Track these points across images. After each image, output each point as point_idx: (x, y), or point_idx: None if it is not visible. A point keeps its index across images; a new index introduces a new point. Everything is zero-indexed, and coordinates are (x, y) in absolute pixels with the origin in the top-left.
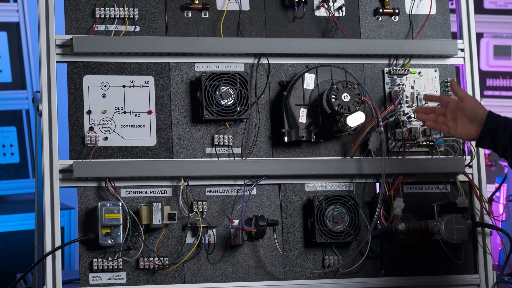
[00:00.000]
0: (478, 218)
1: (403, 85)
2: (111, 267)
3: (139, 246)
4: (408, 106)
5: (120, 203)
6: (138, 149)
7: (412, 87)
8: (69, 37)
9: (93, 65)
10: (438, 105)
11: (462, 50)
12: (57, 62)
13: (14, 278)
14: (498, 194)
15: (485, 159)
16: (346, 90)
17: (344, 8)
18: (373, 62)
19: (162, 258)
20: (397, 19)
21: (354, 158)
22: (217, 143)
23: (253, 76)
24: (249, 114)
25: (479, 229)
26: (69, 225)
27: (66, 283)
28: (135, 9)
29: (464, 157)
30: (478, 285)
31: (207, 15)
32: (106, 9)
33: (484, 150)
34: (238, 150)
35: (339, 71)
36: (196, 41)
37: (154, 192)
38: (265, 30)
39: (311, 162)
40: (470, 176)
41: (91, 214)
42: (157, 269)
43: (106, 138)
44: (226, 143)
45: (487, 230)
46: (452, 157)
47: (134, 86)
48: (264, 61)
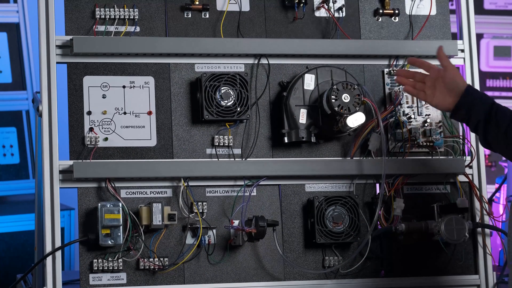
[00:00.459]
0: (478, 219)
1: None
2: (111, 268)
3: (139, 246)
4: (408, 107)
5: (120, 204)
6: (138, 149)
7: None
8: (69, 37)
9: (93, 65)
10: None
11: (462, 50)
12: (57, 62)
13: (14, 278)
14: (498, 194)
15: (485, 160)
16: (346, 90)
17: (344, 8)
18: (373, 63)
19: (162, 259)
20: (397, 20)
21: (354, 158)
22: (217, 144)
23: (253, 76)
24: (249, 115)
25: (479, 229)
26: (69, 225)
27: (66, 284)
28: (135, 9)
29: (464, 157)
30: (478, 285)
31: (207, 16)
32: (106, 9)
33: (484, 150)
34: (238, 151)
35: (339, 72)
36: (196, 41)
37: (154, 192)
38: (265, 31)
39: (311, 163)
40: (470, 176)
41: (91, 215)
42: (157, 269)
43: (106, 139)
44: (226, 144)
45: (487, 231)
46: (452, 157)
47: (134, 86)
48: (264, 61)
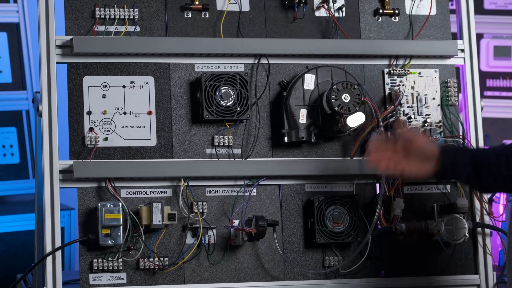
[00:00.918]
0: (478, 219)
1: (403, 85)
2: (111, 268)
3: (139, 246)
4: (408, 107)
5: (120, 204)
6: (138, 149)
7: (412, 88)
8: (69, 37)
9: (93, 65)
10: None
11: (462, 50)
12: (57, 62)
13: (14, 278)
14: (498, 194)
15: None
16: (346, 90)
17: (344, 8)
18: (373, 63)
19: (162, 259)
20: (397, 20)
21: (354, 158)
22: (217, 144)
23: (253, 76)
24: (249, 115)
25: (479, 229)
26: (69, 225)
27: (66, 284)
28: (135, 9)
29: None
30: (478, 285)
31: (207, 16)
32: (106, 9)
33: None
34: (238, 151)
35: (339, 72)
36: (196, 41)
37: (154, 192)
38: (265, 31)
39: (311, 163)
40: None
41: (91, 215)
42: (157, 269)
43: (106, 139)
44: (226, 144)
45: (487, 231)
46: None
47: (134, 86)
48: (264, 61)
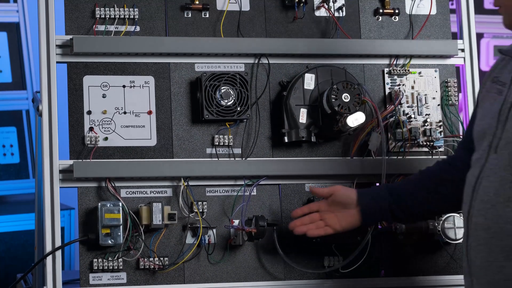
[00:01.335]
0: None
1: (403, 85)
2: (111, 267)
3: (139, 246)
4: (408, 107)
5: (120, 203)
6: (138, 149)
7: (412, 87)
8: (69, 37)
9: (93, 65)
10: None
11: (462, 50)
12: (57, 62)
13: (14, 278)
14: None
15: None
16: (346, 90)
17: (344, 8)
18: (373, 62)
19: (162, 258)
20: (397, 19)
21: (354, 158)
22: (217, 143)
23: (253, 76)
24: (249, 114)
25: None
26: (69, 225)
27: (66, 283)
28: (135, 9)
29: None
30: None
31: (207, 15)
32: (106, 9)
33: None
34: (238, 150)
35: (339, 71)
36: (196, 41)
37: (154, 192)
38: (265, 30)
39: (311, 162)
40: None
41: (91, 214)
42: (157, 269)
43: (106, 138)
44: (226, 143)
45: None
46: None
47: (134, 86)
48: (264, 61)
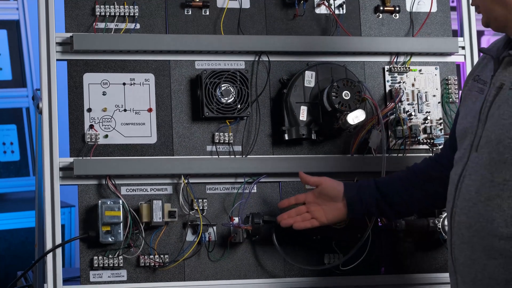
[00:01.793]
0: None
1: (404, 82)
2: (112, 265)
3: (140, 243)
4: (408, 104)
5: (120, 201)
6: (139, 146)
7: (412, 85)
8: (69, 35)
9: (93, 63)
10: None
11: (463, 48)
12: (57, 60)
13: (14, 276)
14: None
15: None
16: (346, 87)
17: (344, 5)
18: (373, 60)
19: (162, 256)
20: (397, 17)
21: (354, 156)
22: (217, 141)
23: (253, 73)
24: (249, 112)
25: None
26: (69, 223)
27: (66, 281)
28: (135, 6)
29: None
30: None
31: (208, 13)
32: (106, 6)
33: None
34: (238, 148)
35: (340, 69)
36: (196, 38)
37: (155, 189)
38: (265, 28)
39: (312, 160)
40: None
41: (92, 212)
42: (157, 266)
43: (106, 136)
44: (227, 141)
45: None
46: None
47: (134, 83)
48: (264, 58)
